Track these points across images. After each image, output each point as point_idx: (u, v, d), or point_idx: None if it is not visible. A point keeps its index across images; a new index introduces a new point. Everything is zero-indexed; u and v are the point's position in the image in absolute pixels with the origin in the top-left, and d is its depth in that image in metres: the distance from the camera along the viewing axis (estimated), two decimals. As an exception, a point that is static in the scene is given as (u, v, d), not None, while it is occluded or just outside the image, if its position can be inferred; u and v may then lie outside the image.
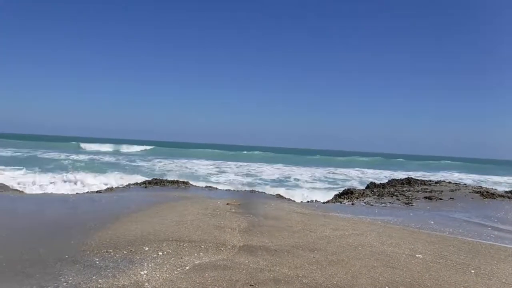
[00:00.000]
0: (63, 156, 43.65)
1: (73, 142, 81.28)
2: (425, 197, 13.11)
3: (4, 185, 14.43)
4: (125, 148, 77.36)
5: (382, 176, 36.20)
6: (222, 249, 5.86)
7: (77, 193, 13.54)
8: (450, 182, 16.69)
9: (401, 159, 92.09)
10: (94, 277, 4.46)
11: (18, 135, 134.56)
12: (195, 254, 5.51)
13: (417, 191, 14.34)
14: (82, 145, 76.93)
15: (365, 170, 48.89)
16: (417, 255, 5.90)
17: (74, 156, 43.71)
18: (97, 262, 5.01)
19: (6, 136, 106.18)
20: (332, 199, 14.99)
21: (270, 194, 15.21)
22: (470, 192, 13.69)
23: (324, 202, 13.97)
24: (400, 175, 20.92)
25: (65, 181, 20.18)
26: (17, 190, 14.17)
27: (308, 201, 14.30)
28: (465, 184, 16.46)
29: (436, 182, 16.55)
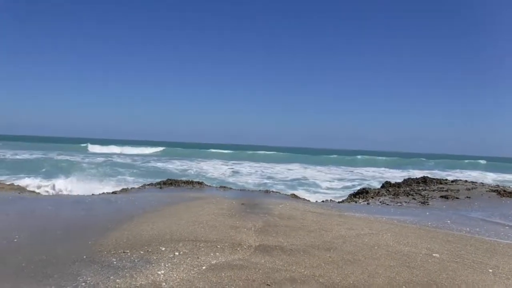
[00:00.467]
0: (78, 158, 44.07)
1: (83, 144, 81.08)
2: (441, 196, 12.99)
3: (20, 186, 14.62)
4: (137, 150, 77.36)
5: (398, 175, 35.85)
6: (238, 249, 5.87)
7: (92, 194, 13.67)
8: (466, 181, 16.50)
9: (423, 158, 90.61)
10: (112, 277, 4.51)
11: (21, 137, 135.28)
12: (211, 254, 5.53)
13: (433, 190, 14.21)
14: (91, 146, 76.94)
15: (382, 169, 48.65)
16: (434, 255, 5.85)
17: (91, 159, 44.10)
18: (115, 262, 5.06)
19: (11, 138, 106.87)
20: (347, 199, 14.94)
21: (285, 194, 15.20)
22: (487, 191, 13.52)
23: (339, 202, 13.92)
24: (418, 174, 20.72)
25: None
26: (33, 191, 14.35)
27: (323, 201, 14.25)
28: (482, 183, 16.26)
29: (452, 181, 16.39)
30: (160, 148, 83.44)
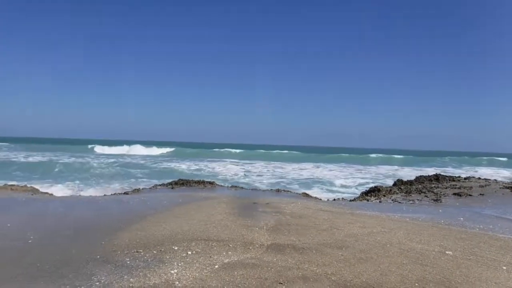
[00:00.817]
0: (89, 159, 44.35)
1: (89, 146, 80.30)
2: (454, 194, 12.90)
3: (34, 188, 14.78)
4: (147, 151, 76.98)
5: (411, 173, 35.50)
6: (250, 247, 5.89)
7: (104, 195, 13.79)
8: (479, 178, 16.37)
9: (437, 157, 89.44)
10: (125, 277, 4.55)
11: (25, 139, 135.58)
12: (224, 253, 5.56)
13: (446, 188, 14.11)
14: (98, 148, 76.78)
15: (395, 167, 48.21)
16: (447, 252, 5.82)
17: (101, 160, 44.38)
18: (128, 262, 5.10)
19: (13, 140, 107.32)
20: (359, 197, 14.89)
21: (297, 193, 15.20)
22: (500, 188, 13.39)
23: (350, 200, 13.88)
24: (431, 172, 20.57)
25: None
26: (46, 193, 14.51)
27: (334, 199, 14.23)
28: (495, 180, 16.11)
29: (465, 178, 16.26)
30: (171, 149, 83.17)
